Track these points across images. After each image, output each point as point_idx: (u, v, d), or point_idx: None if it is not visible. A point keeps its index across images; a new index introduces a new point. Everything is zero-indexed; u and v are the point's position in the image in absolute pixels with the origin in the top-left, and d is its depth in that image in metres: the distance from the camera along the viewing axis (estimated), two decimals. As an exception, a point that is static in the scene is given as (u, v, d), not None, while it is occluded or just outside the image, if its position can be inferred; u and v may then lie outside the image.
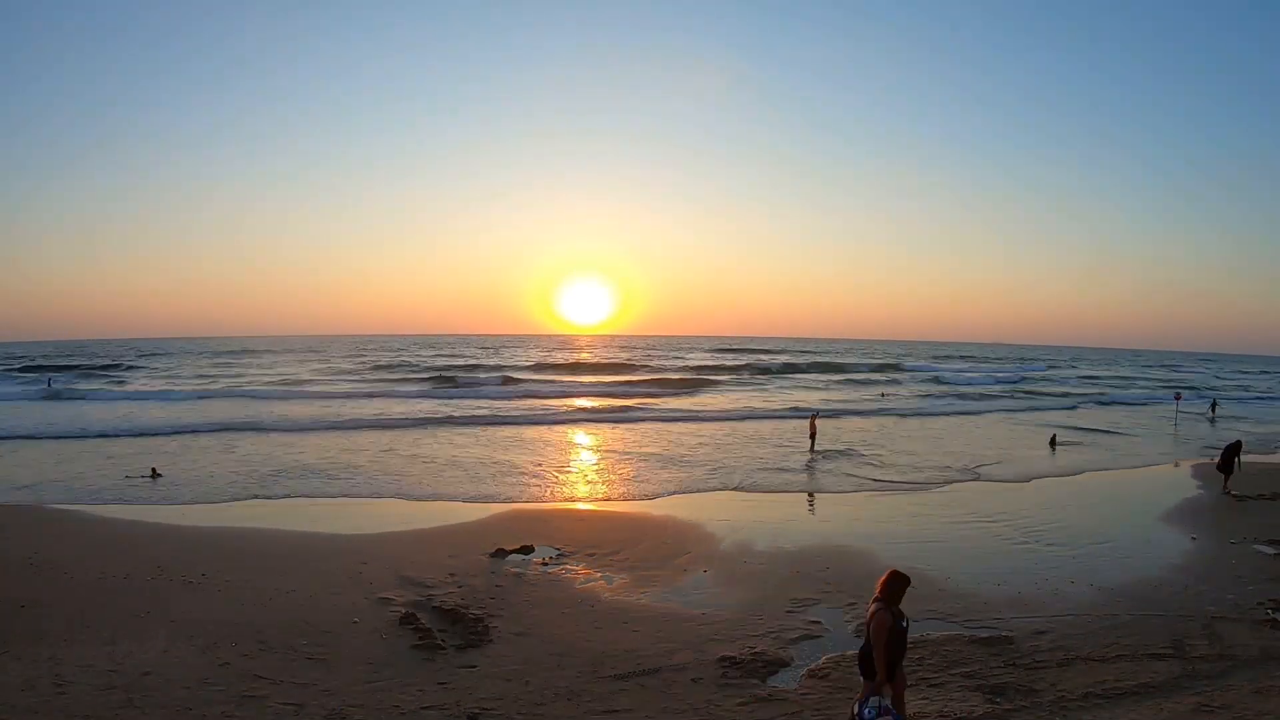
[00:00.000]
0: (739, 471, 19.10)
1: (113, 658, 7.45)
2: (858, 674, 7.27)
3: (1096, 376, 70.26)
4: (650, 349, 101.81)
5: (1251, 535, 12.97)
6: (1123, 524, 13.95)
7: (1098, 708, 6.58)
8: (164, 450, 21.53)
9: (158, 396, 40.01)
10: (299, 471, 18.42)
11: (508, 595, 9.60)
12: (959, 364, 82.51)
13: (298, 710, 6.45)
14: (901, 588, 5.46)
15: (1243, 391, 57.54)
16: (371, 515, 14.26)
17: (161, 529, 12.88)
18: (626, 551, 11.63)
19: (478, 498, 15.86)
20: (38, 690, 6.71)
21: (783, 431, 27.41)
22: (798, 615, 8.96)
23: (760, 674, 7.35)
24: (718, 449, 23.03)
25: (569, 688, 6.99)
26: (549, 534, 12.60)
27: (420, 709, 6.52)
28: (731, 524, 13.55)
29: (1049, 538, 12.76)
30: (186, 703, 6.52)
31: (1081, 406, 43.19)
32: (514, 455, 21.62)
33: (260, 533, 12.70)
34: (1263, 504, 15.62)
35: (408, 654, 7.75)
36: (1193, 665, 7.53)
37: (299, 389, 43.59)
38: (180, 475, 17.70)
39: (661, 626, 8.58)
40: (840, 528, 13.44)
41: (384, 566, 10.64)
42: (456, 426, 28.29)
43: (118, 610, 8.82)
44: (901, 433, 28.23)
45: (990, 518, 14.28)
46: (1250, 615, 8.98)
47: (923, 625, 8.65)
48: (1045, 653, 7.80)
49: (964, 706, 6.56)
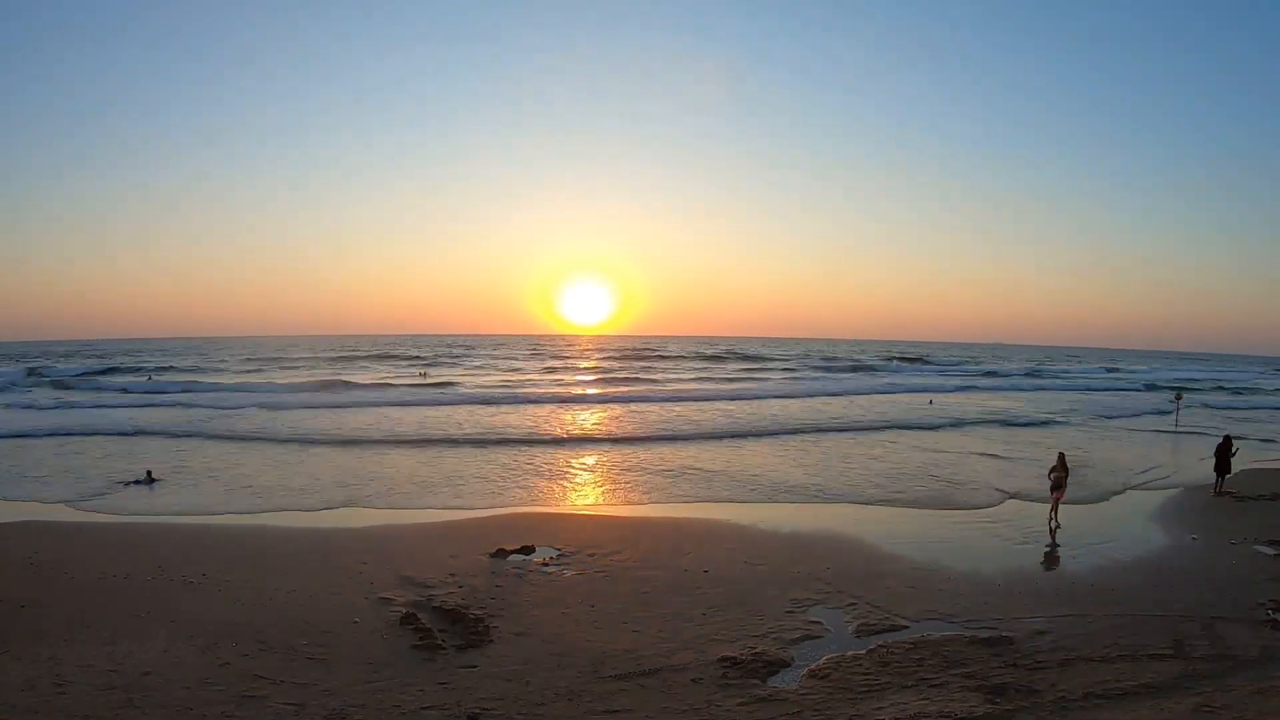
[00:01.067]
0: (742, 470, 19.10)
1: (113, 658, 7.46)
2: (859, 674, 7.30)
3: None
4: (650, 349, 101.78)
5: (1251, 535, 12.98)
6: (1123, 524, 13.96)
7: (1098, 708, 6.59)
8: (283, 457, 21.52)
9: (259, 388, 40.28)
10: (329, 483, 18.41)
11: (508, 595, 9.61)
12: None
13: (298, 710, 6.45)
14: None
15: (1222, 388, 57.68)
16: (371, 515, 14.26)
17: (162, 528, 12.88)
18: (627, 552, 11.63)
19: (478, 498, 15.85)
20: (38, 690, 6.72)
21: (785, 430, 27.39)
22: (798, 615, 8.96)
23: (761, 674, 7.35)
24: (718, 447, 23.03)
25: (569, 688, 7.00)
26: (549, 534, 12.60)
27: (420, 709, 6.52)
28: (731, 524, 13.55)
29: (1049, 538, 12.77)
30: (187, 703, 6.53)
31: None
32: (515, 455, 21.62)
33: (260, 532, 12.70)
34: (1263, 504, 15.63)
35: (408, 654, 7.75)
36: (1193, 665, 7.55)
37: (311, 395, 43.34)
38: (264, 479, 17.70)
39: (662, 627, 8.58)
40: (841, 528, 13.44)
41: (384, 566, 10.64)
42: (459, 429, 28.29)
43: (118, 610, 8.82)
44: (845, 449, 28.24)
45: (990, 519, 14.30)
46: (1250, 615, 8.99)
47: (923, 625, 8.68)
48: (1045, 653, 7.81)
49: (964, 706, 6.57)
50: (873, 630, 8.50)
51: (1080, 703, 6.68)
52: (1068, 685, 7.02)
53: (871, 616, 8.91)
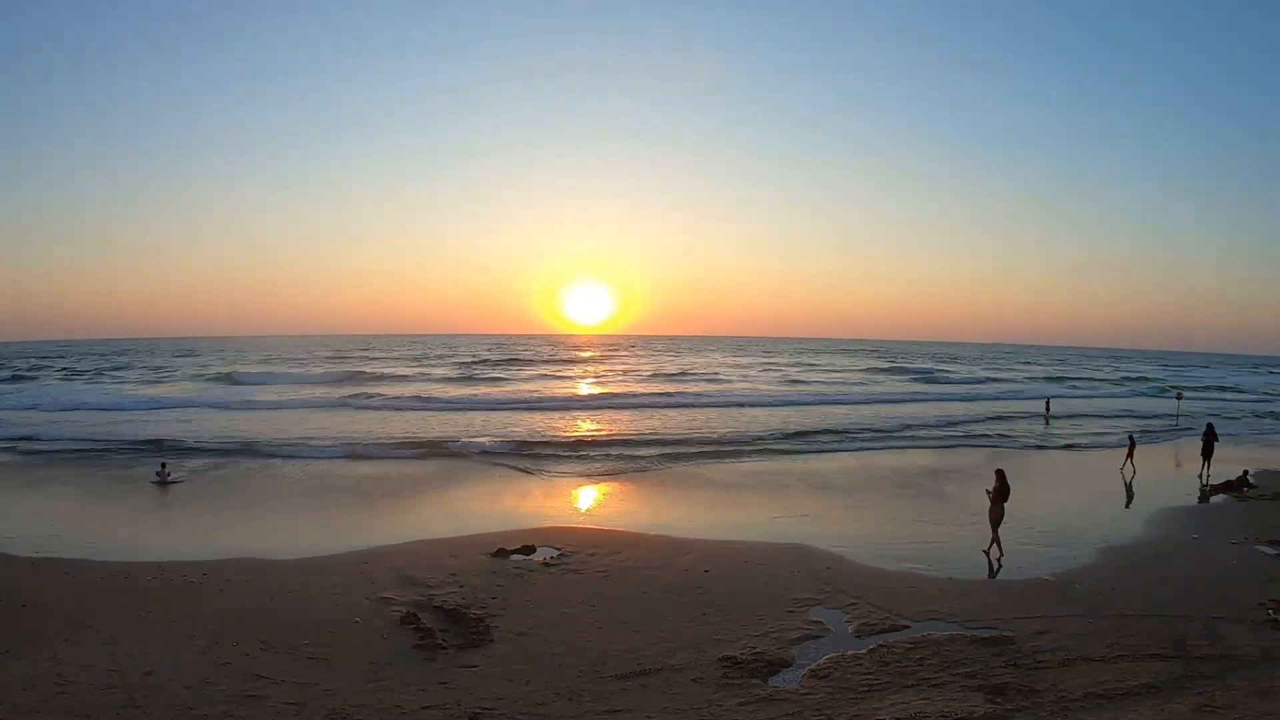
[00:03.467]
0: (742, 472, 19.10)
1: (114, 657, 7.46)
2: (859, 674, 7.30)
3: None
4: (647, 350, 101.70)
5: (1252, 535, 12.98)
6: (1123, 524, 13.95)
7: (1099, 708, 6.59)
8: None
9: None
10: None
11: (509, 595, 9.61)
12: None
13: (299, 710, 6.46)
14: None
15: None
16: (372, 514, 14.26)
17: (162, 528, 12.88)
18: (627, 552, 11.62)
19: (478, 497, 15.85)
20: (39, 690, 6.72)
21: (783, 433, 27.38)
22: (799, 615, 8.96)
23: (761, 674, 7.35)
24: (719, 450, 23.03)
25: (570, 688, 7.00)
26: (549, 534, 12.59)
27: (421, 709, 6.53)
28: (732, 524, 13.55)
29: (1049, 539, 12.76)
30: (188, 702, 6.53)
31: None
32: (513, 456, 21.62)
33: (260, 533, 12.70)
34: (1263, 504, 15.63)
35: (409, 654, 7.75)
36: (1193, 665, 7.54)
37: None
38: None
39: (662, 627, 8.58)
40: (841, 528, 13.43)
41: (385, 566, 10.63)
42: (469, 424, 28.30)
43: (119, 610, 8.82)
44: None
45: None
46: (1251, 615, 8.98)
47: (923, 625, 8.67)
48: (1046, 653, 7.81)
49: (965, 706, 6.57)
50: (873, 630, 8.50)
51: (1080, 703, 6.68)
52: (1068, 685, 7.02)
53: (872, 616, 8.91)
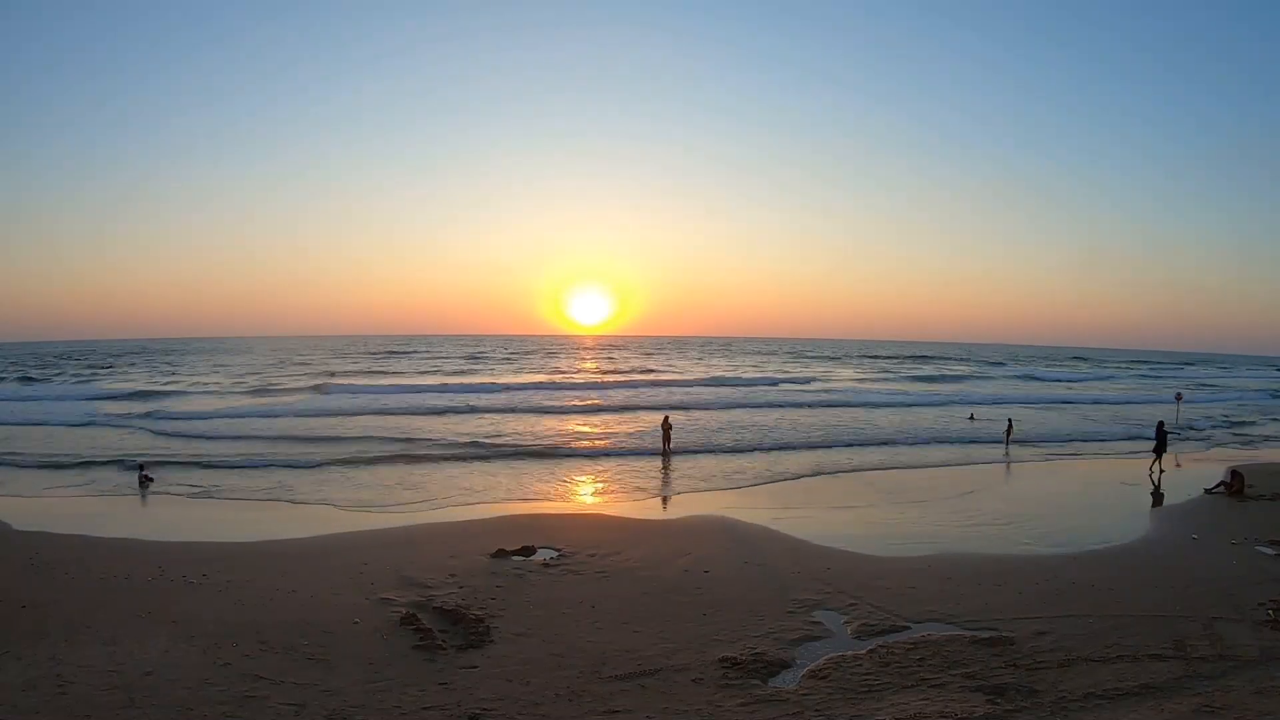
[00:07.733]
0: (744, 473, 19.10)
1: (114, 658, 7.46)
2: (859, 674, 7.30)
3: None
4: (647, 350, 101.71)
5: (1252, 535, 12.98)
6: (1123, 524, 13.94)
7: (1098, 708, 6.59)
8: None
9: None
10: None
11: (508, 596, 9.60)
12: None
13: (298, 710, 6.46)
14: None
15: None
16: (372, 514, 14.26)
17: (162, 528, 12.88)
18: (627, 552, 11.62)
19: (478, 498, 15.85)
20: (39, 690, 6.72)
21: (784, 431, 27.39)
22: (799, 616, 8.96)
23: (761, 675, 7.35)
24: (718, 450, 23.02)
25: (570, 688, 7.00)
26: (549, 535, 12.59)
27: (421, 709, 6.52)
28: (732, 524, 13.55)
29: (1050, 539, 12.76)
30: (188, 703, 6.53)
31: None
32: (514, 456, 21.62)
33: (260, 532, 12.71)
34: (1263, 504, 15.62)
35: (408, 654, 7.75)
36: (1193, 666, 7.54)
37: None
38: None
39: (662, 627, 8.58)
40: (841, 529, 13.43)
41: (385, 567, 10.64)
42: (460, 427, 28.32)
43: (118, 610, 8.82)
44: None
45: (991, 519, 14.29)
46: (1251, 615, 8.98)
47: (923, 625, 8.67)
48: (1046, 653, 7.80)
49: (964, 707, 6.56)
50: (873, 631, 8.50)
51: (1080, 703, 6.67)
52: (1068, 685, 7.02)
53: (872, 617, 8.91)
